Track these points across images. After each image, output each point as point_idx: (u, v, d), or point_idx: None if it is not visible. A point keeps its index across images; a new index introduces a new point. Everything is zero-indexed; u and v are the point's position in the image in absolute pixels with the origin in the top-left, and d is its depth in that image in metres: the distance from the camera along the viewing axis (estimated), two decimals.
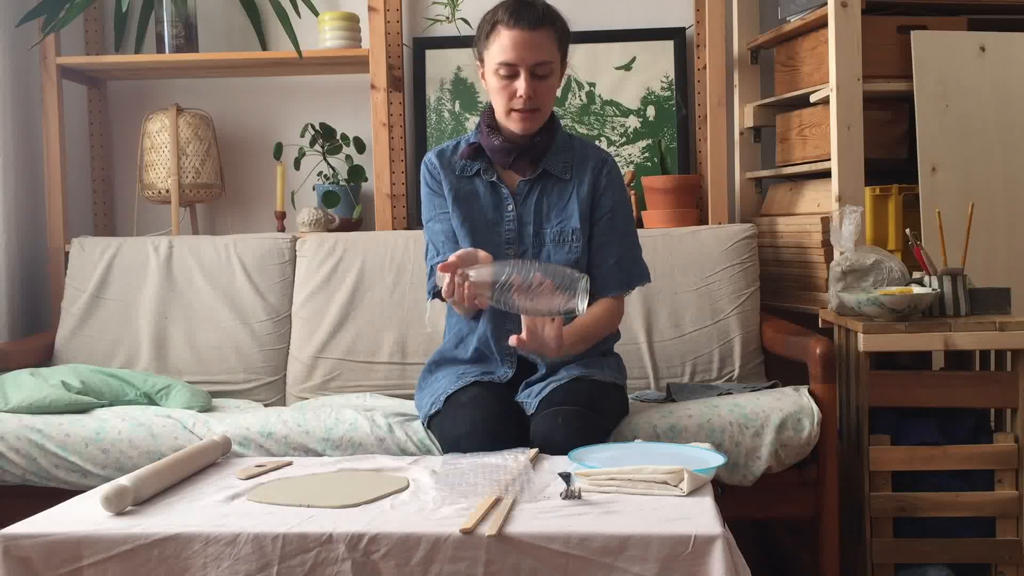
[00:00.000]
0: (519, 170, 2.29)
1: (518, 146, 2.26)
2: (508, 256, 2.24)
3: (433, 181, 2.31)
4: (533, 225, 2.27)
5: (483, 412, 2.08)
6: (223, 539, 1.47)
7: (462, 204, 2.28)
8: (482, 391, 2.17)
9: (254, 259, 2.93)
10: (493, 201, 2.29)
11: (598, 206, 2.29)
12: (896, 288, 2.40)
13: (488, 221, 2.27)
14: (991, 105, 2.67)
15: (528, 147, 2.26)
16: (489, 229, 2.27)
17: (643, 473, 1.62)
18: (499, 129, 2.27)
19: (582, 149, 2.34)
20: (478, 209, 2.28)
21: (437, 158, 2.33)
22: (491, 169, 2.30)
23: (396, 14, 3.19)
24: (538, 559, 1.43)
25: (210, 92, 3.34)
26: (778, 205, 3.06)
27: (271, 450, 2.28)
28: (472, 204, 2.28)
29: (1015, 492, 2.32)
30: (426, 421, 2.25)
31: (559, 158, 2.30)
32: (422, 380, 2.38)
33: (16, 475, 2.31)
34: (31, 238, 3.19)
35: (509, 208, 2.28)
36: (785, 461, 2.27)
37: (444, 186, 2.30)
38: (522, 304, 1.88)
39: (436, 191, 2.31)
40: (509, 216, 2.28)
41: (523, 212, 2.28)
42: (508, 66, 2.17)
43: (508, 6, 2.19)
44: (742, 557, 1.46)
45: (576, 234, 2.27)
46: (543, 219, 2.28)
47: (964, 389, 2.35)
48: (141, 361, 2.84)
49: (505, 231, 2.27)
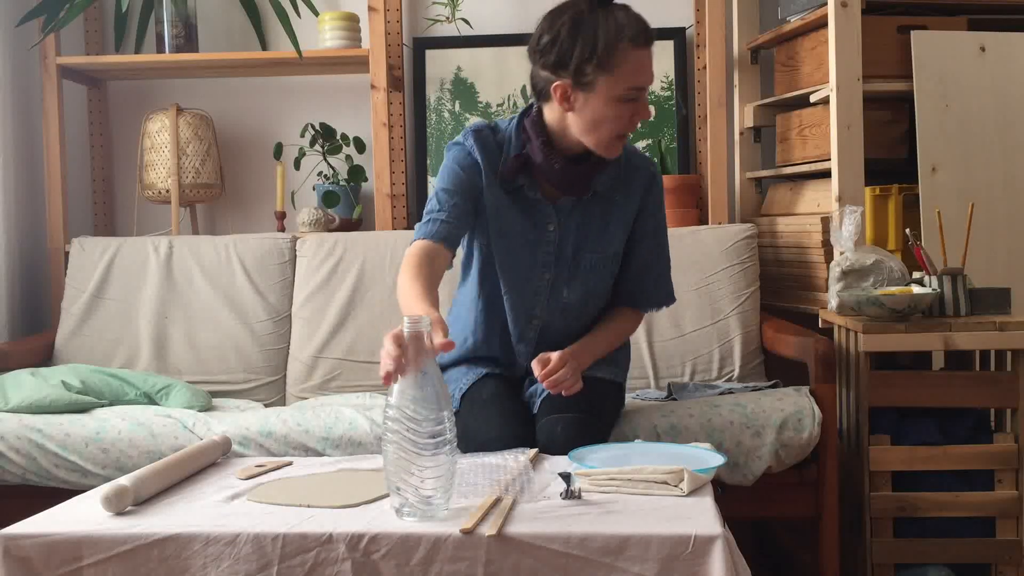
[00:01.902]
0: (570, 191, 2.10)
1: (578, 170, 2.07)
2: (543, 281, 2.14)
3: (468, 171, 2.09)
4: (572, 248, 2.13)
5: (507, 415, 2.05)
6: (223, 539, 1.47)
7: (499, 217, 2.10)
8: (500, 387, 2.14)
9: (254, 259, 2.93)
10: (532, 220, 2.11)
11: (644, 222, 2.18)
12: (896, 288, 2.40)
13: (525, 241, 2.11)
14: (991, 105, 2.67)
15: (587, 170, 2.08)
16: (525, 249, 2.12)
17: (643, 473, 1.62)
18: (554, 146, 2.07)
19: (630, 160, 2.16)
20: (516, 225, 2.11)
21: (483, 154, 2.09)
22: (535, 185, 2.11)
23: (396, 14, 3.19)
24: (538, 559, 1.43)
25: (210, 92, 3.34)
26: (778, 205, 3.06)
27: (271, 449, 2.28)
28: (510, 219, 2.11)
29: (1015, 492, 2.32)
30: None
31: (608, 174, 2.12)
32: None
33: (16, 475, 2.31)
34: (31, 238, 3.19)
35: (550, 229, 2.12)
36: (785, 461, 2.27)
37: (483, 179, 2.09)
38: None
39: (467, 181, 2.09)
40: (549, 239, 2.12)
41: (564, 235, 2.12)
42: (640, 90, 1.99)
43: (626, 24, 1.97)
44: (742, 557, 1.46)
45: (615, 259, 2.17)
46: (583, 243, 2.13)
47: (964, 389, 2.35)
48: (141, 361, 2.84)
49: (543, 253, 2.13)
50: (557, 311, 2.17)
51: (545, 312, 2.17)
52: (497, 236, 2.11)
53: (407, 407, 1.50)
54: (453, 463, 1.53)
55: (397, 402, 1.50)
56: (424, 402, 1.50)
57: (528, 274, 2.12)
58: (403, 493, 1.50)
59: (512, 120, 2.14)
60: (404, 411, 1.50)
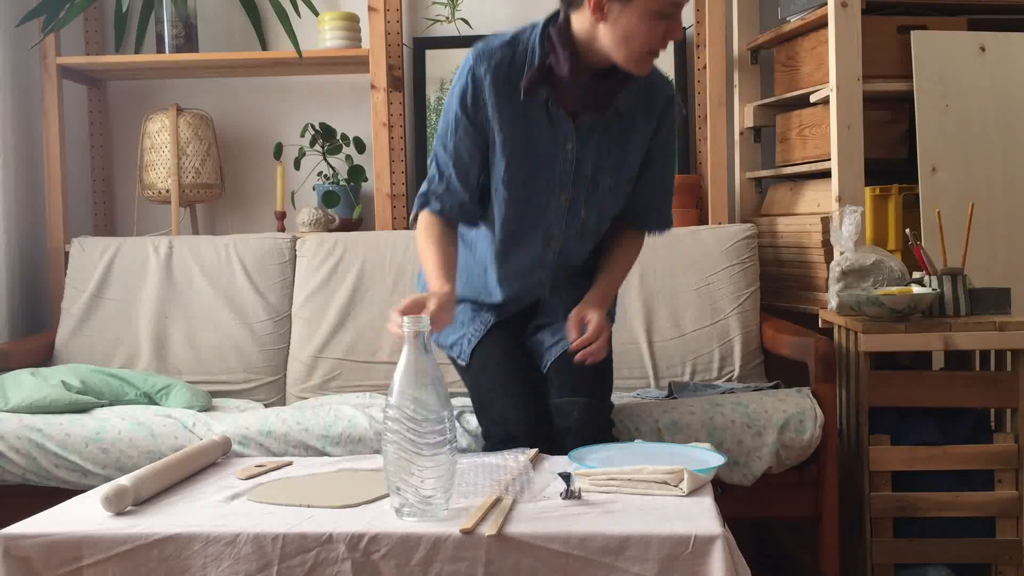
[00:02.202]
0: (592, 106, 2.01)
1: (604, 85, 1.99)
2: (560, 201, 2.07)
3: (473, 100, 2.00)
4: (590, 168, 2.05)
5: (525, 390, 2.08)
6: (223, 539, 1.47)
7: (514, 134, 2.00)
8: (509, 346, 2.16)
9: (254, 259, 2.93)
10: (550, 135, 2.02)
11: (657, 144, 2.11)
12: (896, 288, 2.40)
13: (543, 159, 2.03)
14: (991, 105, 2.67)
15: (613, 85, 1.99)
16: (543, 169, 2.04)
17: (643, 473, 1.62)
18: (580, 58, 1.97)
19: (650, 79, 2.06)
20: (532, 143, 2.02)
21: (491, 73, 1.98)
22: (555, 99, 2.01)
23: (396, 14, 3.19)
24: (538, 559, 1.43)
25: (210, 92, 3.34)
26: (778, 205, 3.06)
27: (271, 449, 2.28)
28: (525, 135, 2.01)
29: (1015, 492, 2.32)
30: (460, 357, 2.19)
31: (629, 92, 2.03)
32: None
33: (16, 475, 2.31)
34: (31, 238, 3.19)
35: (568, 148, 2.03)
36: (786, 462, 2.27)
37: (488, 107, 2.00)
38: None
39: (472, 113, 2.01)
40: (567, 157, 2.04)
41: (583, 154, 2.04)
42: (676, 6, 1.91)
43: None
44: (742, 557, 1.46)
45: (631, 181, 2.11)
46: (602, 163, 2.06)
47: (964, 389, 2.35)
48: (141, 361, 2.84)
49: (560, 172, 2.05)
50: (574, 233, 2.13)
51: (563, 234, 2.12)
52: (513, 157, 2.02)
53: (407, 407, 1.50)
54: (453, 463, 1.53)
55: (397, 402, 1.50)
56: (424, 402, 1.50)
57: (546, 194, 2.06)
58: (403, 493, 1.50)
59: (535, 28, 2.03)
60: (404, 411, 1.50)
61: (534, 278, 2.18)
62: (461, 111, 2.01)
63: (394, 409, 1.50)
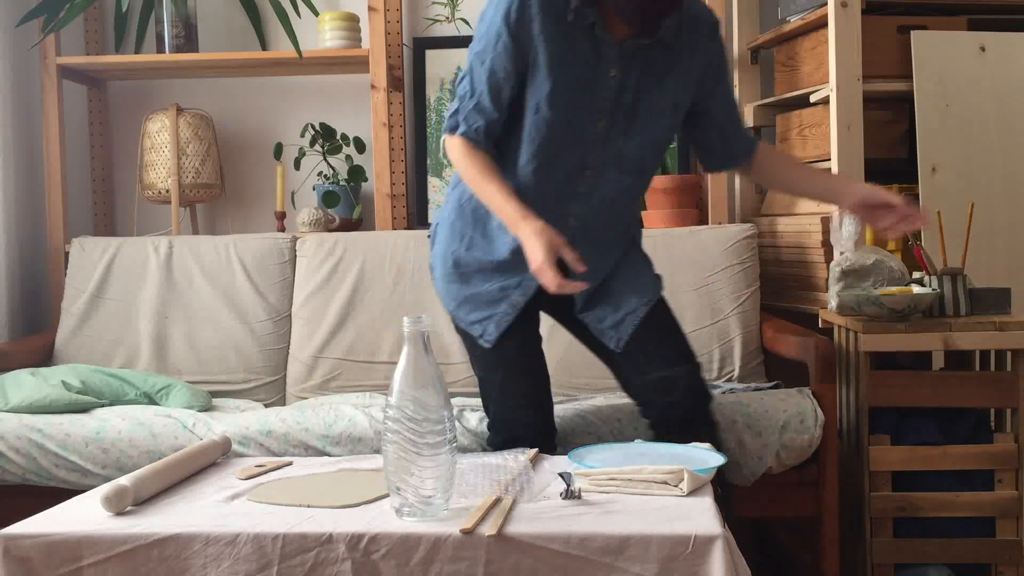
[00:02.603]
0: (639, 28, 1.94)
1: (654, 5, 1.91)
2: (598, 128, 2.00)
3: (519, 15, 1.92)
4: (631, 95, 1.99)
5: (543, 414, 2.11)
6: (223, 539, 1.47)
7: (557, 58, 1.94)
8: (533, 353, 2.13)
9: (254, 259, 2.93)
10: (592, 61, 1.95)
11: (714, 75, 2.06)
12: (896, 288, 2.40)
13: (582, 85, 1.96)
14: (991, 105, 2.67)
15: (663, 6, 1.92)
16: (582, 94, 1.97)
17: (643, 473, 1.62)
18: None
19: (690, 9, 2.02)
20: (573, 67, 1.95)
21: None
22: (602, 23, 1.94)
23: (396, 14, 3.19)
24: (538, 559, 1.43)
25: (210, 92, 3.34)
26: (778, 205, 3.06)
27: (271, 448, 2.28)
28: (567, 60, 1.94)
29: (1015, 492, 2.32)
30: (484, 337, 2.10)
31: (673, 22, 1.97)
32: (449, 282, 2.13)
33: (16, 475, 2.31)
34: (31, 238, 3.19)
35: (611, 74, 1.97)
36: (786, 462, 2.27)
37: (535, 24, 1.93)
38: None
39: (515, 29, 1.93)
40: (608, 83, 1.97)
41: (624, 81, 1.98)
42: None
43: None
44: (742, 557, 1.46)
45: (672, 111, 2.05)
46: (643, 90, 1.99)
47: (964, 389, 2.35)
48: (141, 361, 2.84)
49: (600, 99, 1.98)
50: (612, 163, 2.04)
51: (599, 163, 2.03)
52: (552, 83, 1.95)
53: (407, 407, 1.50)
54: (453, 463, 1.53)
55: (397, 402, 1.50)
56: (424, 402, 1.50)
57: (584, 120, 1.99)
58: (403, 493, 1.50)
59: None
60: (404, 411, 1.50)
61: (565, 211, 2.05)
62: (504, 26, 1.93)
63: (394, 409, 1.50)
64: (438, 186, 3.24)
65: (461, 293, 2.11)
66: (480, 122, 2.00)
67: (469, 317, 2.11)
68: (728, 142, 2.15)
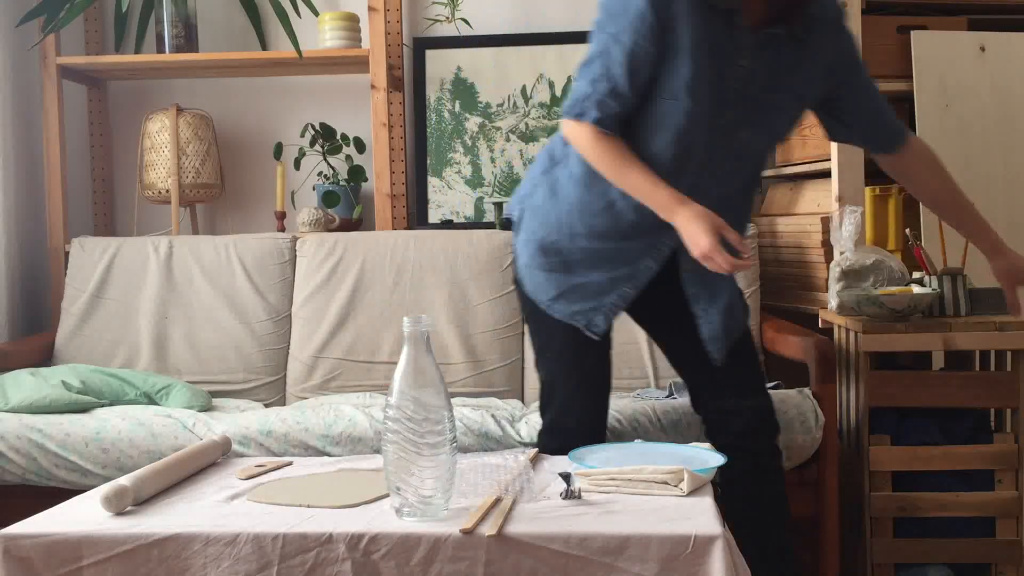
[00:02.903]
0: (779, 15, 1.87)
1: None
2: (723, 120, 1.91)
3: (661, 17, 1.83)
4: (759, 87, 1.91)
5: (602, 424, 2.08)
6: (223, 539, 1.47)
7: (698, 42, 1.84)
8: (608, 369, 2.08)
9: (254, 259, 2.93)
10: (726, 49, 1.87)
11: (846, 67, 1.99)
12: (896, 288, 2.40)
13: (714, 72, 1.87)
14: (991, 105, 2.67)
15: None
16: (710, 85, 1.87)
17: (643, 473, 1.62)
18: None
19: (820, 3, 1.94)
20: (709, 54, 1.86)
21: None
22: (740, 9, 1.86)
23: (396, 14, 3.19)
24: (538, 559, 1.43)
25: (210, 92, 3.34)
26: (778, 205, 3.06)
27: (271, 448, 2.28)
28: (706, 45, 1.85)
29: (1015, 492, 2.32)
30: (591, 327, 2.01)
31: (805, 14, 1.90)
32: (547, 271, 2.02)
33: (16, 475, 2.31)
34: (31, 238, 3.19)
35: (742, 64, 1.88)
36: (786, 463, 2.27)
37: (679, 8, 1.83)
38: None
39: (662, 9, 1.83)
40: (737, 74, 1.89)
41: (754, 72, 1.89)
42: None
43: None
44: (742, 557, 1.46)
45: (798, 104, 1.99)
46: (769, 82, 1.92)
47: (964, 389, 2.35)
48: (141, 361, 2.84)
49: (728, 89, 1.89)
50: (732, 156, 1.96)
51: (720, 156, 1.95)
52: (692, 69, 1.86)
53: (407, 407, 1.50)
54: (453, 463, 1.53)
55: (397, 402, 1.50)
56: (424, 402, 1.50)
57: (708, 112, 1.89)
58: (403, 493, 1.50)
59: None
60: (404, 411, 1.50)
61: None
62: (650, 6, 1.82)
63: (394, 409, 1.50)
64: (438, 186, 3.24)
65: (564, 283, 2.01)
66: (615, 108, 1.87)
67: (571, 308, 2.01)
68: (869, 132, 2.08)
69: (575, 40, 3.22)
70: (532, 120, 3.24)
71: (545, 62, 3.23)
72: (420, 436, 1.49)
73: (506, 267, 2.83)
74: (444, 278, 2.83)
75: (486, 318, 2.80)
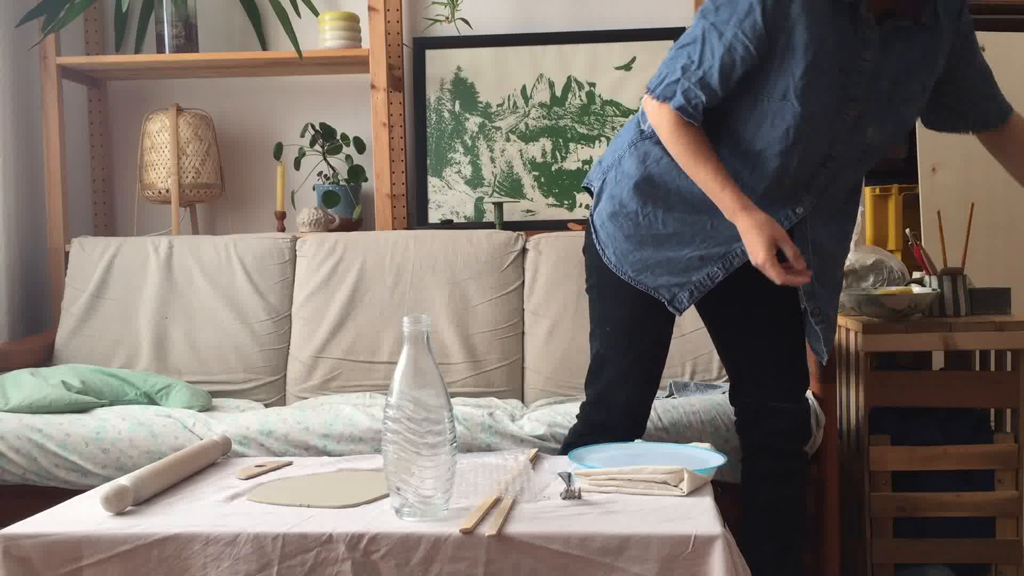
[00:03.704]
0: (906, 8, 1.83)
1: None
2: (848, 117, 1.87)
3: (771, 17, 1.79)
4: (887, 81, 1.86)
5: (646, 408, 2.08)
6: (223, 539, 1.47)
7: (817, 40, 1.79)
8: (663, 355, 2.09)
9: (254, 259, 2.93)
10: (850, 44, 1.82)
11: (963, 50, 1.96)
12: (896, 288, 2.40)
13: (837, 69, 1.83)
14: None
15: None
16: (835, 79, 1.83)
17: (643, 473, 1.62)
18: None
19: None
20: (830, 50, 1.81)
21: None
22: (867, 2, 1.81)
23: (396, 14, 3.19)
24: (538, 559, 1.43)
25: (210, 92, 3.34)
26: None
27: (271, 448, 2.28)
28: (826, 42, 1.80)
29: (1015, 492, 2.32)
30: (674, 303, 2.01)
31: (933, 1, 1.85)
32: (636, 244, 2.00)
33: (16, 475, 2.31)
34: (31, 238, 3.19)
35: (867, 57, 1.84)
36: None
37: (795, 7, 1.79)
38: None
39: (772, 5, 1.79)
40: (863, 67, 1.84)
41: (881, 65, 1.85)
42: None
43: None
44: (742, 557, 1.46)
45: (923, 93, 1.92)
46: (897, 75, 1.86)
47: (964, 389, 2.35)
48: (141, 361, 2.84)
49: (853, 85, 1.84)
50: (855, 153, 1.93)
51: (843, 154, 1.92)
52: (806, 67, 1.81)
53: (407, 407, 1.50)
54: (453, 463, 1.53)
55: (397, 402, 1.51)
56: (424, 402, 1.50)
57: (834, 108, 1.86)
58: (403, 493, 1.50)
59: None
60: (404, 411, 1.50)
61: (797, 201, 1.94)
62: (760, 4, 1.79)
63: (394, 409, 1.50)
64: (438, 186, 3.24)
65: (653, 257, 1.99)
66: (701, 98, 1.85)
67: (657, 281, 2.00)
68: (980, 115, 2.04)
69: (575, 40, 3.22)
70: (532, 120, 3.24)
71: (545, 62, 3.23)
72: (420, 436, 1.49)
73: (506, 267, 2.83)
74: (444, 278, 2.83)
75: (486, 318, 2.80)
